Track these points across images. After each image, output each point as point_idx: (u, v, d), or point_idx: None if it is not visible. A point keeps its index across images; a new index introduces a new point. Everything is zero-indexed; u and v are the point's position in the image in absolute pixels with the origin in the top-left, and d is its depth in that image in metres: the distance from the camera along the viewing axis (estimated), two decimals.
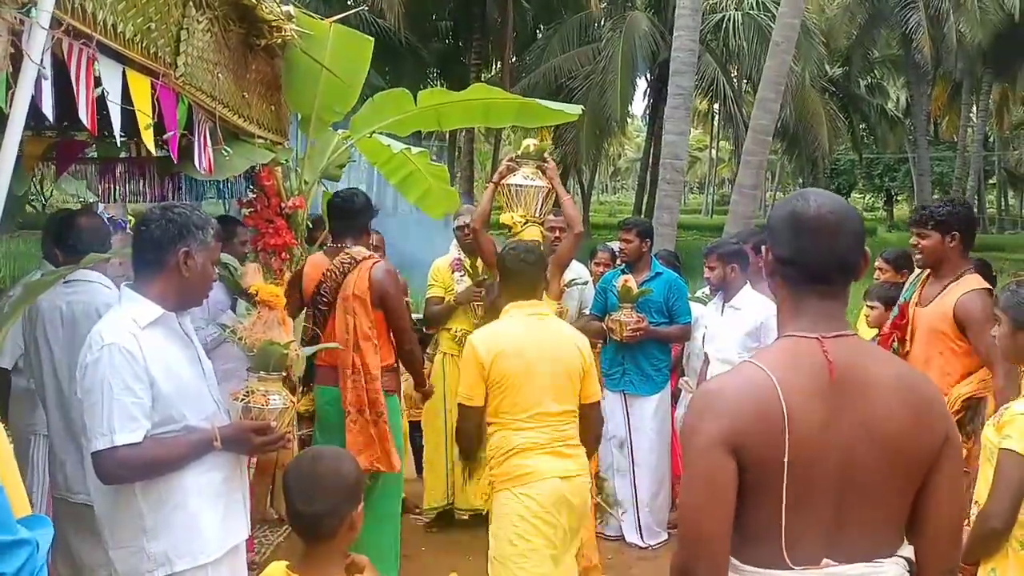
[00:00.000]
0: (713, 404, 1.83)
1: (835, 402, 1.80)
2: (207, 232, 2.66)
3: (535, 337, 3.59)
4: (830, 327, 1.86)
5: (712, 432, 1.78)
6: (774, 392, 1.77)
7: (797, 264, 1.88)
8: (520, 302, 3.67)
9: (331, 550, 2.24)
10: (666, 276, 5.71)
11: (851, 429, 1.80)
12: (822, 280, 1.88)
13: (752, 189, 12.19)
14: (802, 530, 1.80)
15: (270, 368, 2.74)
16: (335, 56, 4.96)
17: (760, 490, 1.79)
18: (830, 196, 1.93)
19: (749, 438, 1.77)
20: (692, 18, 11.98)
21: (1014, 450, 2.67)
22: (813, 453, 1.78)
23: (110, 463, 2.42)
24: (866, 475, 1.82)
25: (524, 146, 5.08)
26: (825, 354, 1.82)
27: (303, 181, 5.35)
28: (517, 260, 3.69)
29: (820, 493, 1.80)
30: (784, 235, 1.91)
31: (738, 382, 1.85)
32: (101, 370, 2.43)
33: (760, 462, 1.77)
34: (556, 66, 21.95)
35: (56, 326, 3.46)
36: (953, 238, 3.84)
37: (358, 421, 4.18)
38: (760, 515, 1.80)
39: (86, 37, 2.71)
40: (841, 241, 1.86)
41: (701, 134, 55.03)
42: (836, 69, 31.76)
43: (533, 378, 3.52)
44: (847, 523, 1.82)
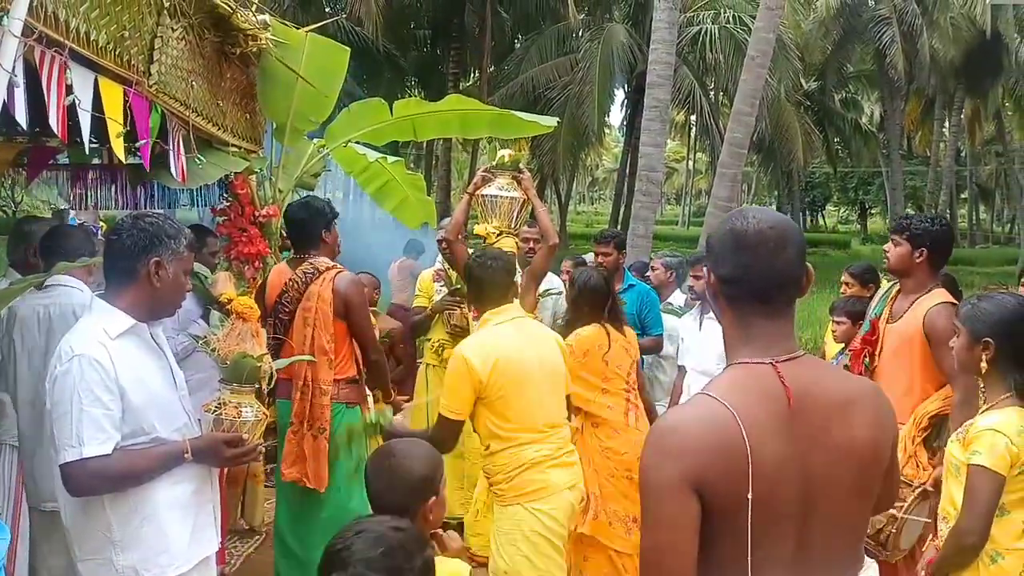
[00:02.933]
0: (672, 442, 1.73)
1: (796, 429, 1.74)
2: (179, 242, 2.63)
3: (525, 343, 3.56)
4: (781, 349, 1.81)
5: (673, 473, 1.69)
6: (735, 426, 1.69)
7: (740, 282, 1.83)
8: (496, 309, 3.63)
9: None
10: (638, 288, 5.73)
11: (814, 455, 1.76)
12: (766, 298, 1.82)
13: (727, 202, 12.24)
14: (769, 564, 1.73)
15: (243, 380, 2.72)
16: (311, 65, 4.97)
17: (724, 527, 1.71)
18: (770, 212, 1.88)
19: (712, 476, 1.69)
20: (669, 31, 12.06)
21: (984, 465, 2.70)
22: (777, 485, 1.71)
23: (79, 475, 2.39)
24: (830, 501, 1.78)
25: (499, 157, 5.08)
26: (781, 379, 1.76)
27: (277, 190, 5.35)
28: (485, 267, 3.65)
29: (785, 525, 1.74)
30: (725, 254, 1.85)
31: (696, 417, 1.76)
32: (70, 381, 2.40)
33: (724, 499, 1.70)
34: (534, 76, 22.02)
35: (33, 333, 3.44)
36: (921, 253, 3.87)
37: (298, 432, 4.14)
38: (725, 552, 1.73)
39: (58, 45, 2.70)
40: (782, 256, 1.81)
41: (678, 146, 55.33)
42: (811, 83, 32.07)
43: (534, 385, 3.49)
44: (811, 552, 1.78)
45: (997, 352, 2.81)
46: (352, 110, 5.62)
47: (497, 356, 3.45)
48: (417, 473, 2.37)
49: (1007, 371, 2.82)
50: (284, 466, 4.20)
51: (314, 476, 4.13)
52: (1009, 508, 2.75)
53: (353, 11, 19.38)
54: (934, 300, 3.79)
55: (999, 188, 46.68)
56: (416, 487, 2.35)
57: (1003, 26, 26.63)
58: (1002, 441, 2.70)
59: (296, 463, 4.16)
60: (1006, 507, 2.75)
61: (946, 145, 33.71)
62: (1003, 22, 26.41)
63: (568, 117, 20.42)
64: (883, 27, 27.20)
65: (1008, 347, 2.81)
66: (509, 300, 3.67)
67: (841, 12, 27.98)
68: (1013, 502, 2.75)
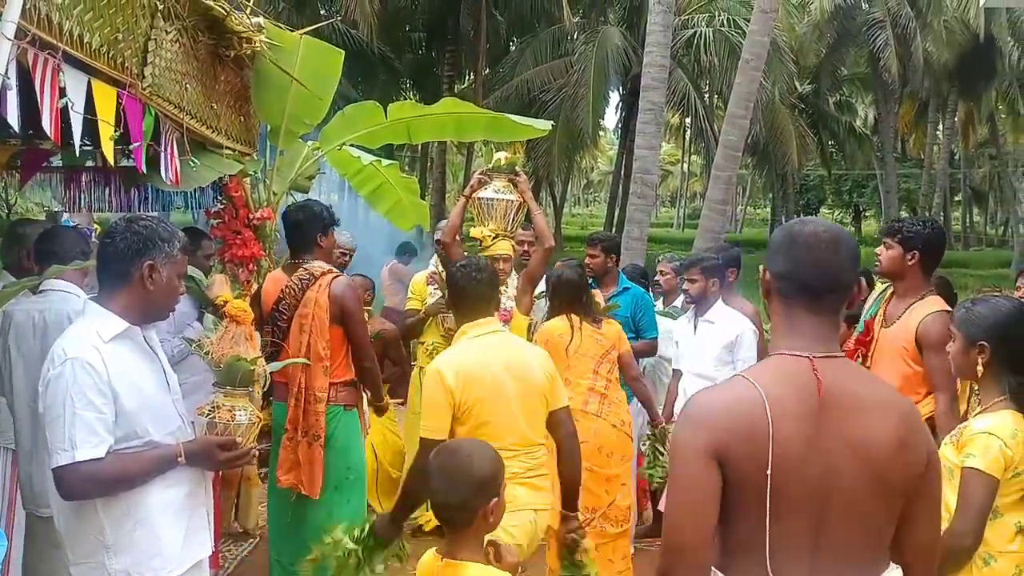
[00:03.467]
0: (702, 415, 1.88)
1: (822, 421, 1.84)
2: (173, 245, 2.62)
3: (501, 359, 3.40)
4: (822, 347, 1.90)
5: (698, 442, 1.83)
6: (762, 407, 1.81)
7: (790, 277, 1.95)
8: (475, 322, 3.46)
9: (468, 537, 2.41)
10: (633, 291, 5.73)
11: (836, 448, 1.84)
12: (814, 294, 1.92)
13: (722, 204, 12.25)
14: (785, 545, 1.83)
15: (236, 383, 2.71)
16: (305, 68, 4.96)
17: (744, 503, 1.82)
18: (827, 222, 2.02)
19: (733, 450, 1.81)
20: (663, 34, 12.07)
21: (978, 468, 2.70)
22: (796, 468, 1.81)
23: (72, 479, 2.38)
24: (848, 494, 1.85)
25: (495, 160, 5.09)
26: (815, 373, 1.86)
27: (272, 192, 5.34)
28: (468, 278, 3.48)
29: (802, 509, 1.83)
30: (780, 251, 1.98)
31: (728, 395, 1.90)
32: (63, 385, 2.40)
33: (744, 474, 1.81)
34: (529, 79, 22.02)
35: (28, 337, 3.43)
36: (913, 256, 3.87)
37: (293, 439, 4.13)
38: (744, 528, 1.84)
39: (51, 47, 2.70)
40: (835, 258, 1.92)
41: (673, 148, 55.39)
42: (806, 86, 32.13)
43: (506, 402, 3.34)
44: (829, 542, 1.86)
45: (992, 355, 2.81)
46: (347, 113, 5.61)
47: (469, 370, 3.31)
48: (481, 473, 2.40)
49: (1002, 374, 2.82)
50: (280, 472, 4.19)
51: (308, 483, 4.12)
52: (1002, 511, 2.76)
53: (348, 13, 19.37)
54: (928, 308, 3.79)
55: (993, 191, 46.79)
56: (479, 487, 2.38)
57: (996, 29, 26.70)
58: (996, 444, 2.71)
59: (292, 470, 4.15)
60: (999, 510, 2.76)
61: (940, 148, 33.80)
62: (996, 25, 26.48)
63: (563, 120, 20.43)
64: (877, 30, 27.27)
65: (1003, 350, 2.81)
66: (490, 313, 3.51)
67: (835, 15, 28.05)
68: (1006, 505, 2.76)
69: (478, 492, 2.39)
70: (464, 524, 2.40)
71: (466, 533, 2.41)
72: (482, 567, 2.45)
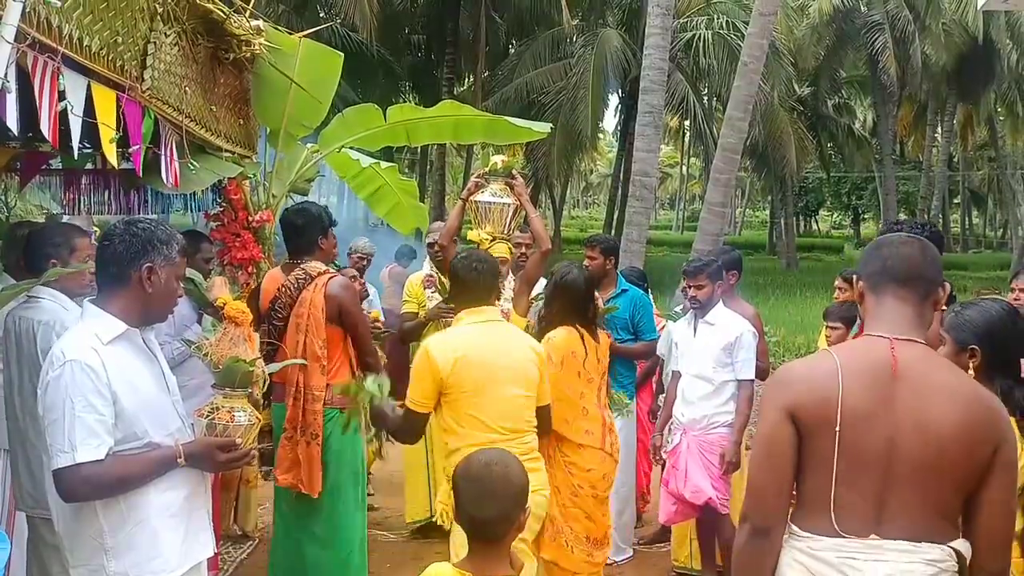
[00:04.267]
0: (783, 377, 2.21)
1: (891, 392, 2.06)
2: (172, 247, 2.63)
3: (494, 345, 3.55)
4: (904, 332, 2.14)
5: (778, 400, 2.13)
6: (834, 372, 2.08)
7: (880, 272, 2.22)
8: (473, 309, 3.62)
9: (500, 550, 2.35)
10: (631, 293, 5.73)
11: (902, 421, 2.05)
12: (902, 282, 2.18)
13: (721, 207, 12.27)
14: (851, 503, 2.05)
15: (235, 384, 2.71)
16: (304, 71, 4.98)
17: (814, 460, 2.08)
18: (911, 236, 2.37)
19: (805, 407, 2.08)
20: (662, 37, 12.10)
21: None
22: (863, 432, 2.05)
23: (72, 480, 2.38)
24: (911, 464, 2.05)
25: (492, 163, 5.08)
26: (892, 351, 2.10)
27: (271, 195, 5.35)
28: (469, 268, 3.64)
29: (868, 470, 2.05)
30: (871, 255, 2.28)
31: (807, 362, 2.26)
32: (63, 387, 2.39)
33: (814, 430, 2.07)
34: (528, 81, 22.03)
35: (12, 341, 3.42)
36: None
37: (292, 438, 4.15)
38: (814, 484, 2.09)
39: (51, 51, 2.71)
40: (922, 257, 2.21)
41: (672, 151, 55.46)
42: (804, 89, 32.14)
43: (496, 387, 3.46)
44: (893, 505, 2.05)
45: (982, 359, 2.80)
46: (346, 115, 5.62)
47: (460, 354, 3.45)
48: (520, 482, 2.37)
49: (993, 378, 2.82)
50: (279, 472, 4.20)
51: (308, 482, 4.13)
52: None
53: (348, 16, 19.39)
54: None
55: (991, 193, 46.90)
56: (519, 497, 2.35)
57: (995, 32, 26.77)
58: None
59: (291, 469, 4.16)
60: None
61: (939, 150, 33.86)
62: (995, 28, 26.54)
63: (562, 122, 20.45)
64: (876, 33, 27.30)
65: (993, 354, 2.80)
66: (489, 303, 3.67)
67: (834, 18, 28.07)
68: None
69: (517, 502, 2.35)
70: (499, 537, 2.34)
71: (501, 546, 2.36)
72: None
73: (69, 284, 3.36)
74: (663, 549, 5.68)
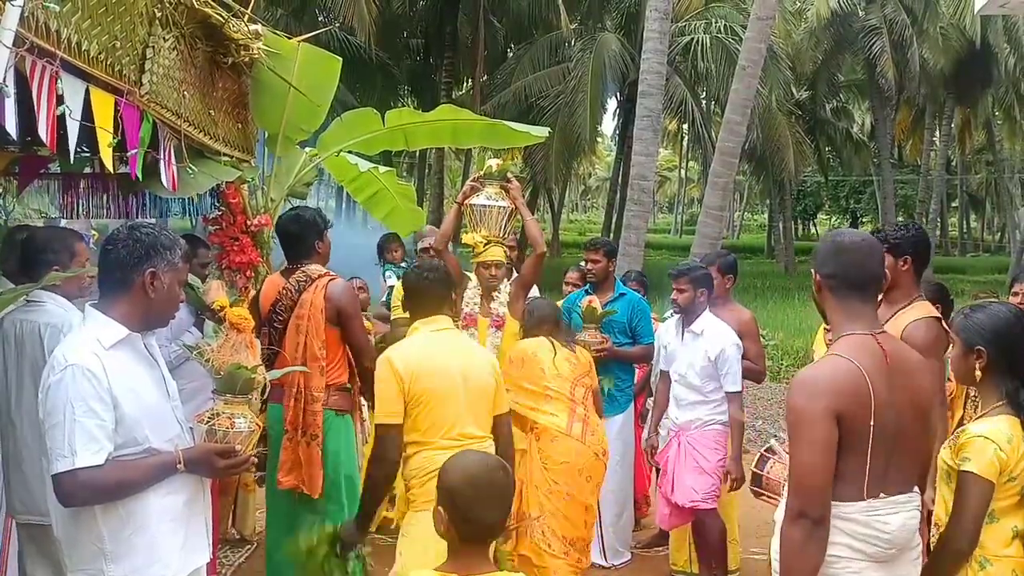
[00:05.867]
0: (821, 386, 2.48)
1: (892, 379, 2.51)
2: (175, 253, 2.63)
3: (450, 355, 3.56)
4: (874, 325, 2.61)
5: (823, 406, 2.43)
6: (862, 376, 2.46)
7: (840, 277, 2.60)
8: (427, 319, 3.64)
9: (485, 550, 2.35)
10: (629, 296, 5.74)
11: (901, 399, 2.52)
12: (861, 288, 2.60)
13: (719, 210, 12.29)
14: (875, 473, 2.48)
15: (236, 391, 2.71)
16: (303, 75, 4.97)
17: (851, 446, 2.45)
18: (859, 231, 2.73)
19: (849, 409, 2.43)
20: (660, 41, 12.12)
21: (973, 472, 2.74)
22: (884, 417, 2.47)
23: (71, 485, 2.37)
24: (908, 432, 2.55)
25: (487, 167, 5.10)
26: (880, 345, 2.54)
27: (269, 199, 5.35)
28: (420, 278, 3.69)
29: (883, 446, 2.48)
30: (829, 258, 2.64)
31: (835, 368, 2.51)
32: (63, 391, 2.39)
33: (854, 426, 2.44)
34: (526, 85, 22.03)
35: (11, 345, 3.42)
36: (905, 261, 3.88)
37: (293, 439, 4.16)
38: (849, 464, 2.46)
39: (49, 55, 2.71)
40: (871, 260, 2.63)
41: (670, 154, 55.51)
42: (802, 93, 32.16)
43: (453, 398, 3.48)
44: (894, 466, 2.53)
45: (989, 360, 2.86)
46: (344, 119, 5.62)
47: (419, 362, 3.47)
48: (512, 480, 2.40)
49: (1000, 380, 2.87)
50: (281, 474, 4.20)
51: (309, 483, 4.14)
52: (999, 515, 2.79)
53: (346, 20, 19.40)
54: (915, 314, 3.79)
55: (989, 197, 46.88)
56: (513, 494, 2.39)
57: (992, 36, 26.81)
58: (991, 448, 2.74)
59: (293, 470, 4.17)
60: (995, 514, 2.78)
61: (936, 154, 33.86)
62: (992, 32, 26.58)
63: (560, 126, 20.45)
64: (873, 37, 27.30)
65: (999, 356, 2.85)
66: (442, 311, 3.70)
67: (832, 22, 28.08)
68: (1003, 509, 2.79)
69: (512, 501, 2.38)
70: (494, 537, 2.35)
71: (486, 546, 2.35)
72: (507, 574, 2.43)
73: (67, 288, 3.36)
74: (661, 553, 5.68)
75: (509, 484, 2.36)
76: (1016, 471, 2.75)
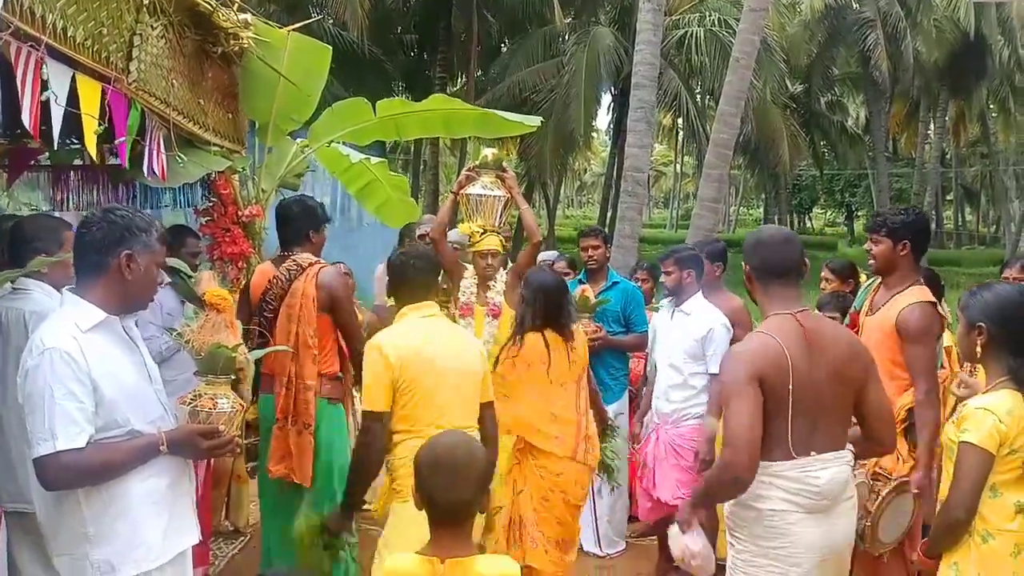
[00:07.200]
0: (746, 356, 2.90)
1: (811, 352, 2.88)
2: (151, 235, 2.61)
3: (440, 342, 3.54)
4: (796, 306, 2.97)
5: (746, 374, 2.82)
6: (781, 348, 2.85)
7: (763, 267, 3.03)
8: (414, 305, 3.62)
9: (466, 532, 2.37)
10: (623, 285, 5.74)
11: (822, 370, 2.88)
12: (779, 274, 3.01)
13: (713, 203, 12.26)
14: (798, 433, 2.85)
15: (218, 371, 2.70)
16: (293, 65, 4.96)
17: (775, 410, 2.82)
18: (778, 227, 3.45)
19: (768, 375, 2.81)
20: (654, 33, 12.09)
21: (971, 442, 2.77)
22: (803, 386, 2.84)
23: (53, 469, 2.36)
24: (831, 398, 2.92)
25: (482, 156, 5.10)
26: (800, 323, 2.92)
27: (260, 190, 5.33)
28: (407, 265, 3.67)
29: (808, 412, 2.85)
30: (752, 251, 3.08)
31: (759, 343, 2.93)
32: (42, 375, 2.38)
33: (774, 391, 2.82)
34: (520, 80, 21.99)
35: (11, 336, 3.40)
36: (904, 246, 3.88)
37: (283, 428, 4.14)
38: (774, 425, 2.83)
39: (35, 40, 2.69)
40: (788, 249, 3.06)
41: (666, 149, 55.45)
42: (797, 86, 32.18)
43: (442, 386, 3.46)
44: (821, 429, 2.90)
45: (991, 337, 2.90)
46: (335, 109, 5.59)
47: (409, 350, 3.45)
48: (484, 462, 2.40)
49: (1002, 355, 2.91)
50: (271, 463, 4.19)
51: (299, 471, 4.12)
52: (1001, 489, 2.81)
53: (339, 14, 19.34)
54: (911, 298, 3.80)
55: (984, 189, 46.95)
56: (485, 477, 2.39)
57: (986, 28, 26.83)
58: (990, 419, 2.77)
59: (283, 459, 4.15)
60: (998, 488, 2.81)
61: (931, 147, 33.89)
62: (986, 24, 26.60)
63: (555, 120, 20.42)
64: (867, 29, 27.32)
65: (1001, 332, 2.89)
66: (428, 298, 3.68)
67: (825, 15, 28.12)
68: (1005, 483, 2.80)
69: (484, 481, 2.38)
70: (465, 519, 2.36)
71: (465, 528, 2.37)
72: (490, 556, 2.44)
73: (54, 276, 3.34)
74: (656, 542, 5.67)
75: (474, 465, 2.35)
76: (1017, 444, 2.78)
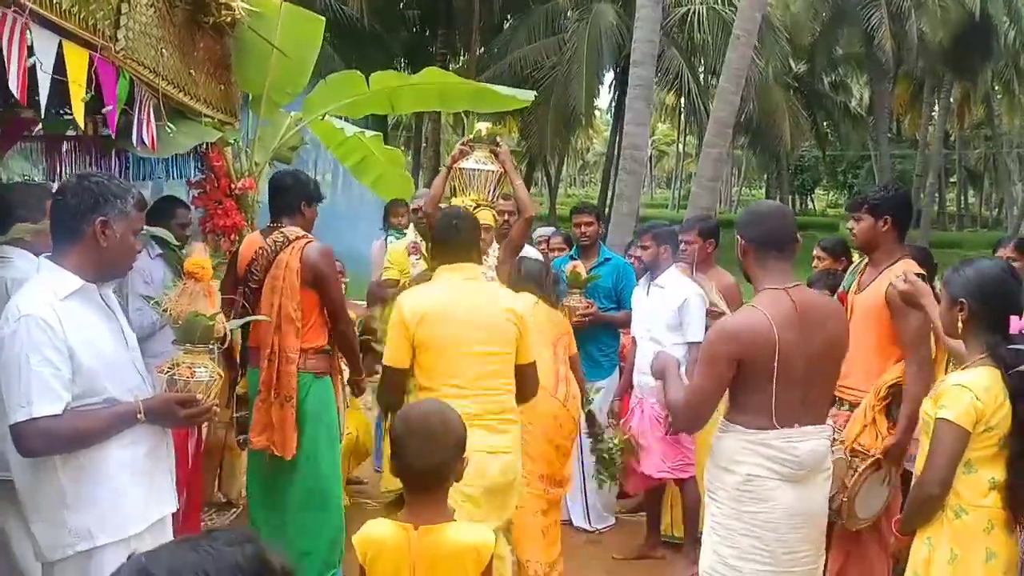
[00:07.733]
0: (730, 331, 2.98)
1: (801, 327, 2.92)
2: (126, 201, 2.58)
3: (466, 302, 3.52)
4: (789, 281, 3.01)
5: (725, 351, 2.93)
6: (768, 322, 2.88)
7: (760, 239, 3.04)
8: (452, 265, 3.61)
9: (438, 498, 2.39)
10: (615, 261, 5.74)
11: (811, 342, 2.93)
12: (778, 247, 3.03)
13: (712, 181, 12.24)
14: (783, 405, 2.91)
15: (196, 340, 2.69)
16: (286, 36, 4.93)
17: (760, 380, 2.89)
18: (776, 202, 3.50)
19: (752, 352, 2.88)
20: (653, 9, 12.02)
21: (947, 418, 2.77)
22: (791, 359, 2.88)
23: (29, 435, 2.36)
24: (820, 371, 2.99)
25: (476, 130, 5.07)
26: (791, 297, 2.96)
27: (254, 162, 5.32)
28: (449, 225, 3.67)
29: (796, 384, 2.91)
30: (750, 225, 3.10)
31: (746, 317, 2.98)
32: (18, 342, 2.37)
33: (761, 365, 2.88)
34: (522, 57, 21.90)
35: None
36: (885, 222, 3.87)
37: (265, 401, 4.14)
38: (759, 396, 2.91)
39: (19, 6, 2.67)
40: (786, 224, 3.11)
41: (668, 129, 55.24)
42: (800, 66, 32.00)
43: (461, 344, 3.45)
44: (810, 402, 2.98)
45: (972, 313, 2.88)
46: (328, 82, 5.56)
47: (429, 307, 3.46)
48: (458, 431, 2.41)
49: (982, 333, 2.89)
50: (253, 434, 4.19)
51: (281, 444, 4.12)
52: (976, 466, 2.80)
53: None
54: (898, 272, 3.80)
55: (988, 171, 46.72)
56: (457, 446, 2.39)
57: (993, 8, 26.65)
58: (967, 396, 2.76)
59: (264, 431, 4.15)
60: (973, 464, 2.80)
61: (935, 128, 33.69)
62: (992, 4, 26.41)
63: (556, 98, 20.36)
64: (871, 9, 27.11)
65: (982, 308, 2.87)
66: (469, 260, 3.67)
67: None
68: (980, 459, 2.80)
69: (455, 451, 2.38)
70: (439, 484, 2.38)
71: (438, 495, 2.39)
72: (461, 523, 2.45)
73: (37, 244, 3.33)
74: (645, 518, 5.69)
75: (448, 432, 2.38)
76: (993, 421, 2.77)
